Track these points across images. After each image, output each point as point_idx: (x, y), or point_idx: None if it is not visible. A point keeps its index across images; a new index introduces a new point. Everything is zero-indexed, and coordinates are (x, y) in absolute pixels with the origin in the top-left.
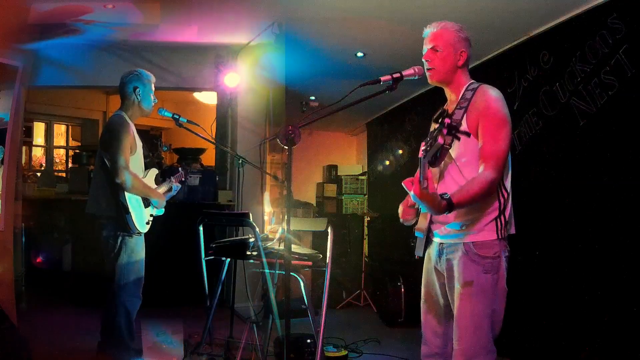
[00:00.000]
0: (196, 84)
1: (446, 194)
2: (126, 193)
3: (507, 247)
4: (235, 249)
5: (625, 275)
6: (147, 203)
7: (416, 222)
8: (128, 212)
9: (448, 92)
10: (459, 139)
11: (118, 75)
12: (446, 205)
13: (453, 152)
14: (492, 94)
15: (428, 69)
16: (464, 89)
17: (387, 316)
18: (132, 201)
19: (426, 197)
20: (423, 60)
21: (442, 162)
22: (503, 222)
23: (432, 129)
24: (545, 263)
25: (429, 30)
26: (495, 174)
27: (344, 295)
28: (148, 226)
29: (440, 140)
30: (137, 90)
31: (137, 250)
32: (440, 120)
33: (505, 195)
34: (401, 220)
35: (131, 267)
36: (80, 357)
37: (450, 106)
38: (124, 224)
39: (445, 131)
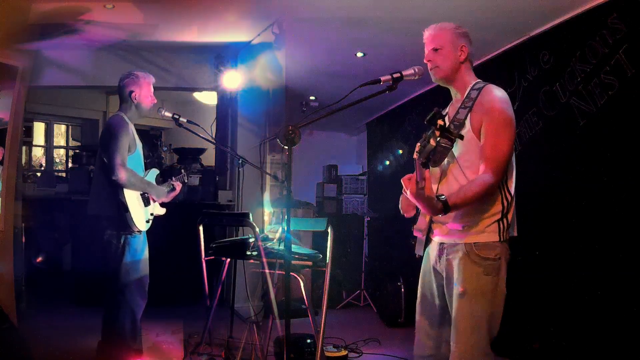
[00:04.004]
0: (196, 84)
1: (442, 195)
2: (125, 192)
3: (509, 250)
4: (235, 249)
5: (625, 275)
6: (147, 202)
7: (416, 221)
8: (127, 211)
9: (453, 91)
10: (452, 141)
11: (118, 75)
12: (442, 206)
13: (455, 152)
14: (497, 94)
15: (431, 69)
16: (469, 88)
17: (387, 316)
18: (132, 200)
19: (421, 197)
20: (425, 62)
21: (445, 161)
22: (505, 224)
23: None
24: (545, 263)
25: (427, 33)
26: (494, 178)
27: (344, 295)
28: (148, 225)
29: (432, 142)
30: (134, 94)
31: (140, 249)
32: (433, 122)
33: (509, 198)
34: (401, 212)
35: (135, 266)
36: (80, 357)
37: (455, 105)
38: (124, 223)
39: (438, 133)
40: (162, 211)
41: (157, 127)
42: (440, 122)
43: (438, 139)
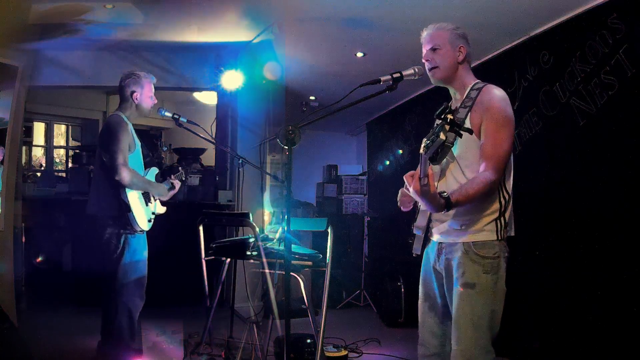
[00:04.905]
0: (196, 84)
1: (445, 192)
2: (127, 191)
3: (507, 248)
4: (235, 249)
5: (625, 275)
6: (147, 201)
7: (415, 220)
8: (130, 210)
9: (452, 91)
10: (460, 135)
11: (118, 75)
12: (444, 203)
13: (455, 150)
14: (497, 94)
15: (429, 69)
16: (469, 88)
17: (387, 316)
18: (134, 199)
19: (425, 194)
20: (423, 61)
21: (444, 160)
22: (503, 223)
23: (435, 125)
24: (544, 263)
25: (425, 33)
26: (495, 175)
27: (344, 295)
28: (150, 224)
29: (442, 136)
30: (135, 94)
31: (139, 249)
32: (442, 116)
33: (507, 197)
34: (398, 204)
35: (134, 266)
36: (80, 357)
37: (454, 105)
38: (126, 223)
39: (447, 127)
40: (162, 210)
41: (157, 127)
42: (449, 116)
43: (447, 133)
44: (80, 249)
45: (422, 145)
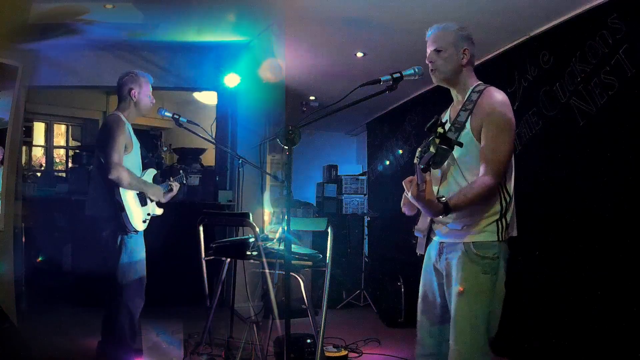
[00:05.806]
0: (196, 84)
1: (443, 197)
2: (122, 191)
3: (508, 250)
4: (235, 249)
5: (625, 275)
6: (143, 202)
7: (417, 221)
8: (124, 210)
9: (454, 93)
10: (452, 149)
11: (118, 75)
12: (443, 208)
13: (456, 154)
14: (497, 97)
15: (432, 70)
16: (470, 90)
17: (387, 316)
18: (128, 199)
19: (422, 199)
20: (427, 62)
21: (445, 164)
22: (504, 224)
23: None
24: (544, 263)
25: (430, 32)
26: (494, 180)
27: (344, 295)
28: (145, 225)
29: (432, 149)
30: (134, 92)
31: (137, 249)
32: (433, 130)
33: (508, 199)
34: (402, 209)
35: (132, 267)
36: (80, 357)
37: (455, 107)
38: (121, 223)
39: (438, 141)
40: (159, 211)
41: (157, 127)
42: (440, 129)
43: (438, 146)
44: (80, 249)
45: (416, 156)
